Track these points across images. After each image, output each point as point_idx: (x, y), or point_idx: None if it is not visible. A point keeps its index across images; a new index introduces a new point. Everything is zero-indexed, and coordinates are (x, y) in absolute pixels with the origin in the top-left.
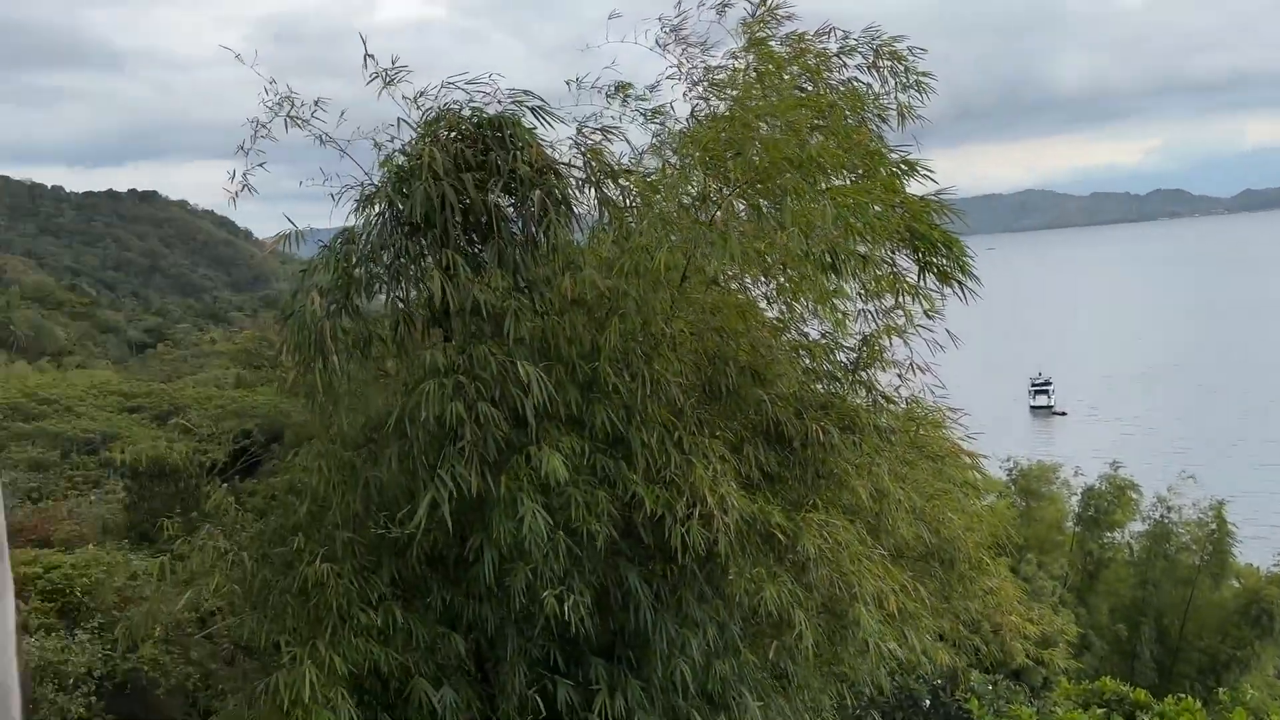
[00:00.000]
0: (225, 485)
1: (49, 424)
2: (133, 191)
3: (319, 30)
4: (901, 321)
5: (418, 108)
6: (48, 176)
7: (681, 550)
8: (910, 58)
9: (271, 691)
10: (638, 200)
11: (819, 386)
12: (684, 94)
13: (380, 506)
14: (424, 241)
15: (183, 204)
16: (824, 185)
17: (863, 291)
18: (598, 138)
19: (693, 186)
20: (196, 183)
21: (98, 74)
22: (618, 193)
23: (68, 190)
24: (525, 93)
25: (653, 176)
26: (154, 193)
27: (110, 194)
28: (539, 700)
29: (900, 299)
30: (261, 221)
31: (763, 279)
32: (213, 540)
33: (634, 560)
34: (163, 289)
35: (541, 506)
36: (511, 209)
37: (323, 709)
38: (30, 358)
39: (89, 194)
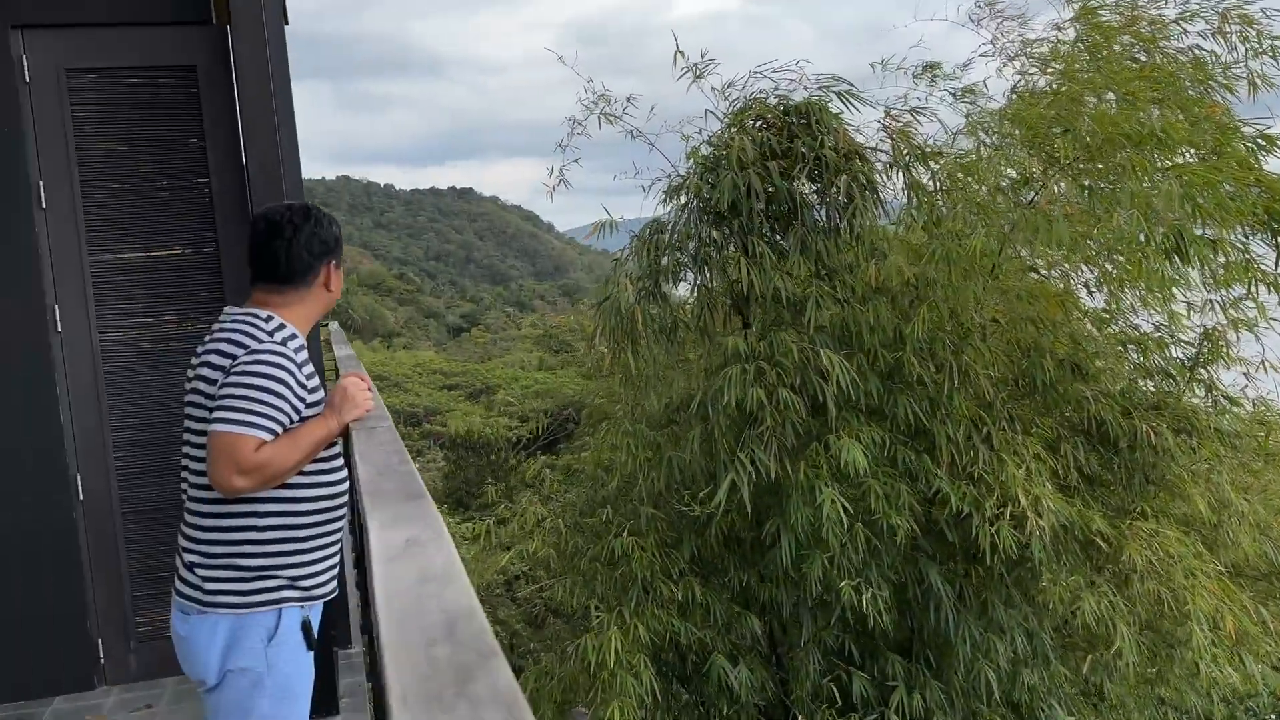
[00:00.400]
0: (542, 458)
1: (384, 397)
2: (451, 188)
3: (619, 31)
4: (1252, 314)
5: (725, 98)
6: (381, 176)
7: (990, 552)
8: (1264, 20)
9: (580, 653)
10: (948, 184)
11: (1149, 384)
12: (998, 70)
13: (682, 485)
14: (728, 230)
15: (494, 199)
16: (1166, 163)
17: (1209, 280)
18: (905, 119)
19: (1011, 168)
20: (506, 179)
21: (423, 80)
22: (927, 176)
23: (397, 188)
24: (833, 77)
25: (966, 159)
26: (470, 189)
27: (433, 191)
28: (834, 689)
29: (1252, 288)
30: (562, 215)
31: (1083, 266)
32: (533, 507)
33: (935, 558)
34: (476, 278)
35: (840, 496)
36: (815, 195)
37: (626, 674)
38: (365, 338)
39: (415, 191)
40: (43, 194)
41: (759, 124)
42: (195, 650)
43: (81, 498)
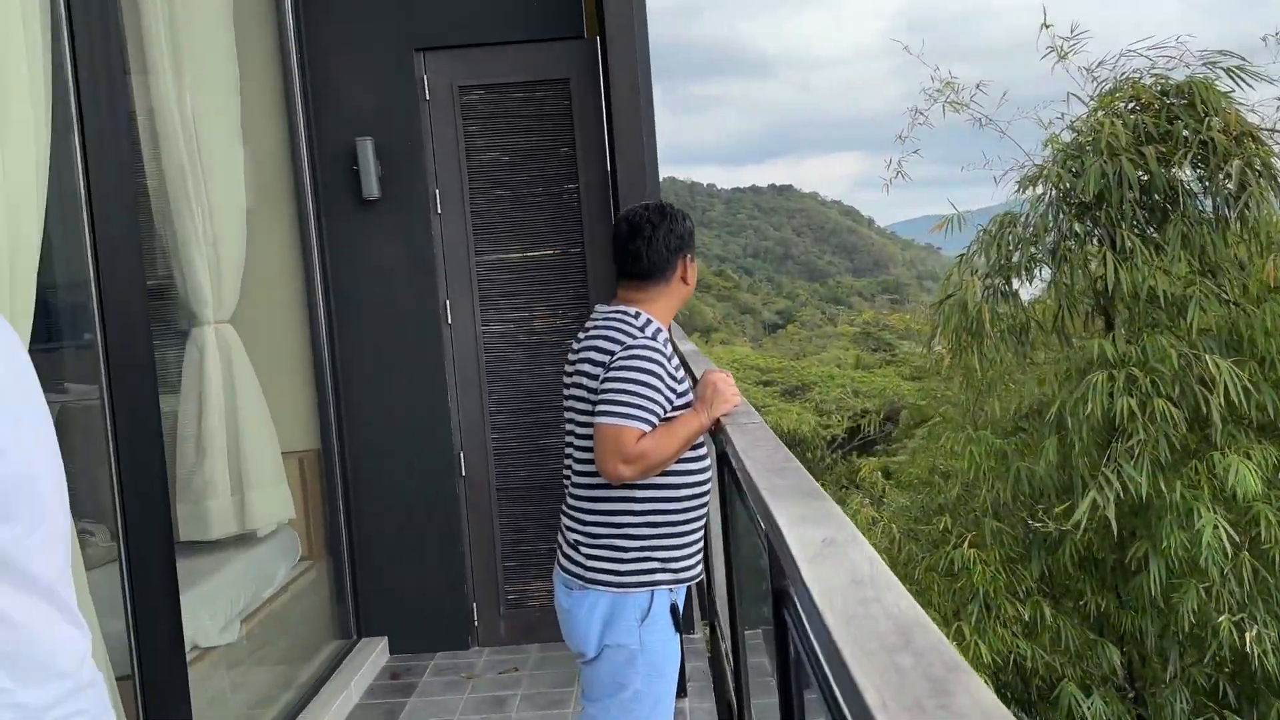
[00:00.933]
0: (867, 460)
1: None
2: (771, 186)
3: (949, 16)
4: None
5: (1093, 79)
6: (703, 175)
7: None
8: None
9: None
10: None
11: None
12: None
13: (1031, 498)
14: (1091, 222)
15: (813, 195)
16: None
17: None
18: None
19: None
20: (825, 175)
21: (748, 80)
22: None
23: (718, 187)
24: (1220, 53)
25: None
26: (789, 186)
27: (753, 189)
28: None
29: None
30: (883, 209)
31: None
32: (864, 509)
33: None
34: (792, 274)
35: (1224, 521)
36: (1197, 183)
37: None
38: (685, 332)
39: (735, 190)
40: (438, 201)
41: (1132, 106)
42: (576, 623)
43: (464, 474)
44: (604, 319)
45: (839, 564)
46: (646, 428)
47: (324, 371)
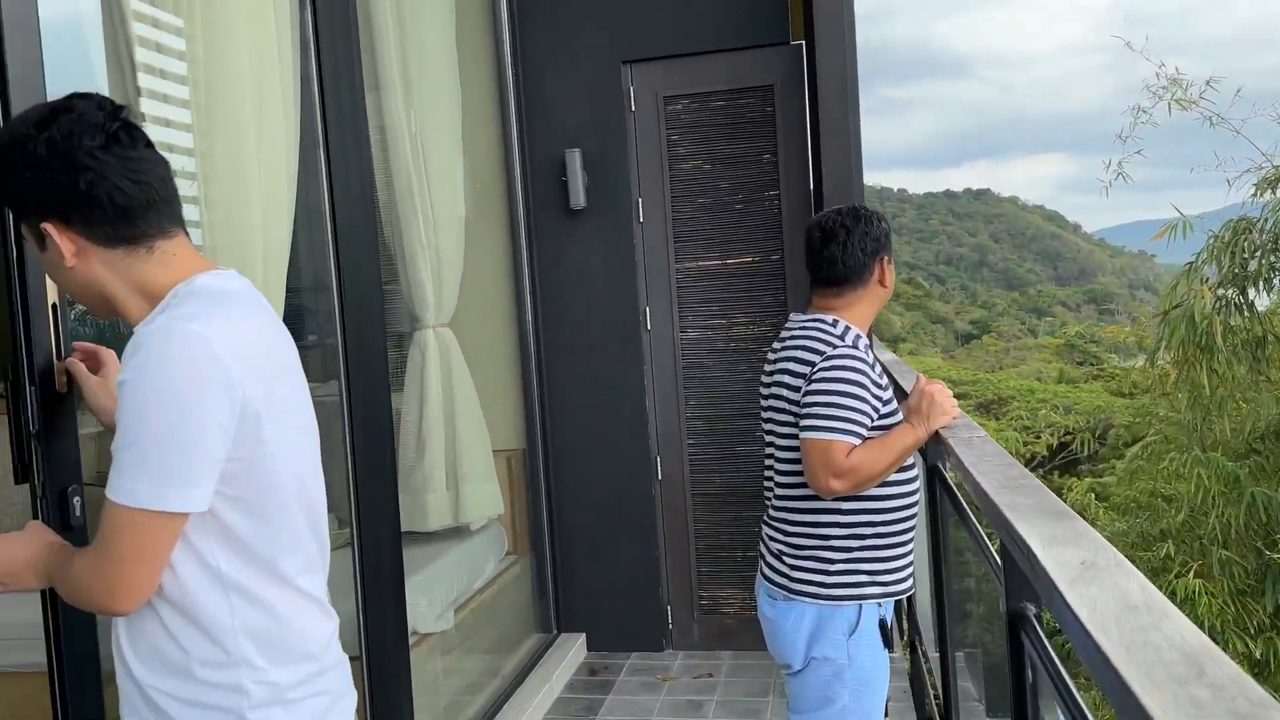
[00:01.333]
0: (1065, 479)
1: None
2: (967, 190)
3: (1165, 9)
4: None
5: None
6: (894, 180)
7: None
8: None
9: None
10: None
11: None
12: None
13: (1268, 527)
14: None
15: (1013, 200)
16: None
17: None
18: None
19: None
20: (1026, 178)
21: (944, 81)
22: None
23: (910, 192)
24: None
25: None
26: (986, 190)
27: (946, 193)
28: None
29: None
30: (1089, 214)
31: None
32: None
33: None
34: (988, 283)
35: None
36: None
37: None
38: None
39: (928, 194)
40: (641, 209)
41: None
42: (782, 634)
43: (660, 478)
44: (800, 328)
45: (1106, 588)
46: (855, 440)
47: (530, 374)
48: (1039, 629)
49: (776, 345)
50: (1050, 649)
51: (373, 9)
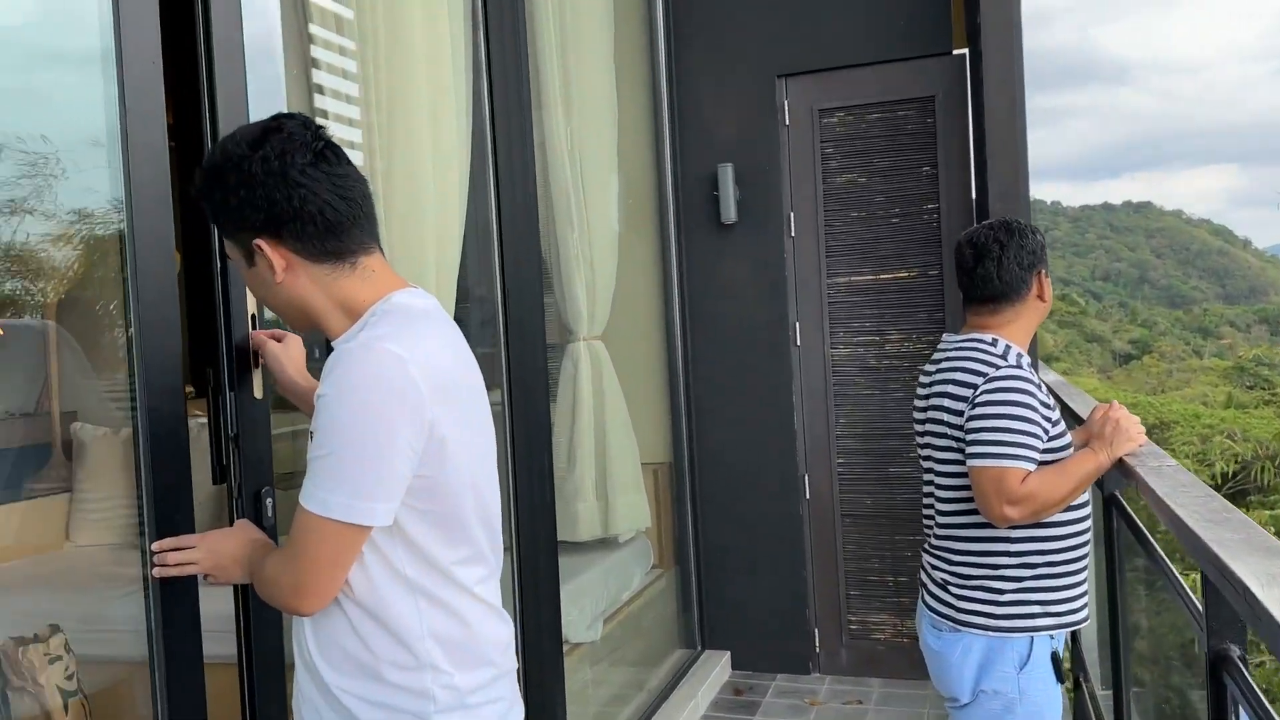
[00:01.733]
0: (1251, 510)
1: None
2: (1126, 202)
3: None
4: None
5: None
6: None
7: None
8: None
9: None
10: None
11: None
12: None
13: None
14: None
15: (1177, 213)
16: None
17: None
18: None
19: None
20: (1192, 190)
21: (1103, 89)
22: None
23: (1064, 205)
24: None
25: None
26: (1148, 203)
27: (1104, 206)
28: None
29: None
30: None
31: None
32: None
33: None
34: (1150, 300)
35: None
36: None
37: None
38: None
39: (1084, 207)
40: (792, 223)
41: None
42: (947, 666)
43: (808, 496)
44: (956, 348)
45: None
46: (1029, 466)
47: (678, 387)
48: (1245, 671)
49: (929, 367)
50: (1259, 692)
51: (538, 29)
